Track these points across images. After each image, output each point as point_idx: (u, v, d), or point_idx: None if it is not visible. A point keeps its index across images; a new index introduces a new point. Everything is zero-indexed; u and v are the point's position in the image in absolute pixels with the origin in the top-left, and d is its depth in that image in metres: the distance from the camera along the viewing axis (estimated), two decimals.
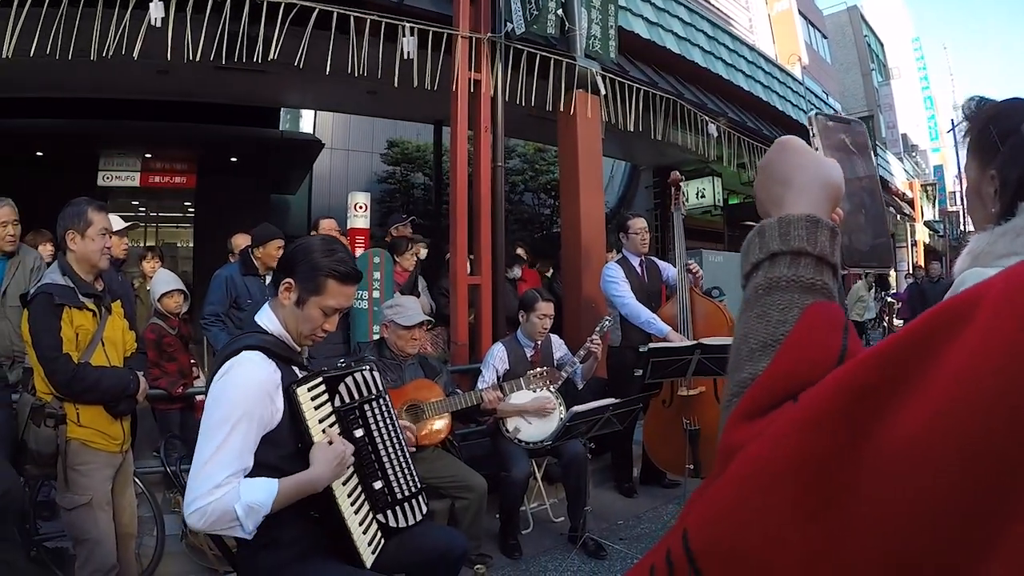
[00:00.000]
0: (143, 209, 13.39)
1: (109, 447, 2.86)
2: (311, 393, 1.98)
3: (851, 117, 1.09)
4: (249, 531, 1.79)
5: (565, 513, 4.23)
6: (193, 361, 4.94)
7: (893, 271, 16.67)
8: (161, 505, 3.72)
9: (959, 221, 25.47)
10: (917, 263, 19.40)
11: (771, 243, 0.70)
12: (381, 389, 2.28)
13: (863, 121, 1.10)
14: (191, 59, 4.70)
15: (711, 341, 3.94)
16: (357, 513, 2.04)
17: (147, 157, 11.70)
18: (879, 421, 0.46)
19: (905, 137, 28.47)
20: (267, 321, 2.04)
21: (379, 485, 2.16)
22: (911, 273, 16.45)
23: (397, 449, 2.27)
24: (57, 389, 2.72)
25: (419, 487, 2.32)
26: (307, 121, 13.94)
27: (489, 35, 5.93)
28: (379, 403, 2.24)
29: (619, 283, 4.82)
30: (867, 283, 12.10)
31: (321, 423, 1.98)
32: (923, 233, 23.11)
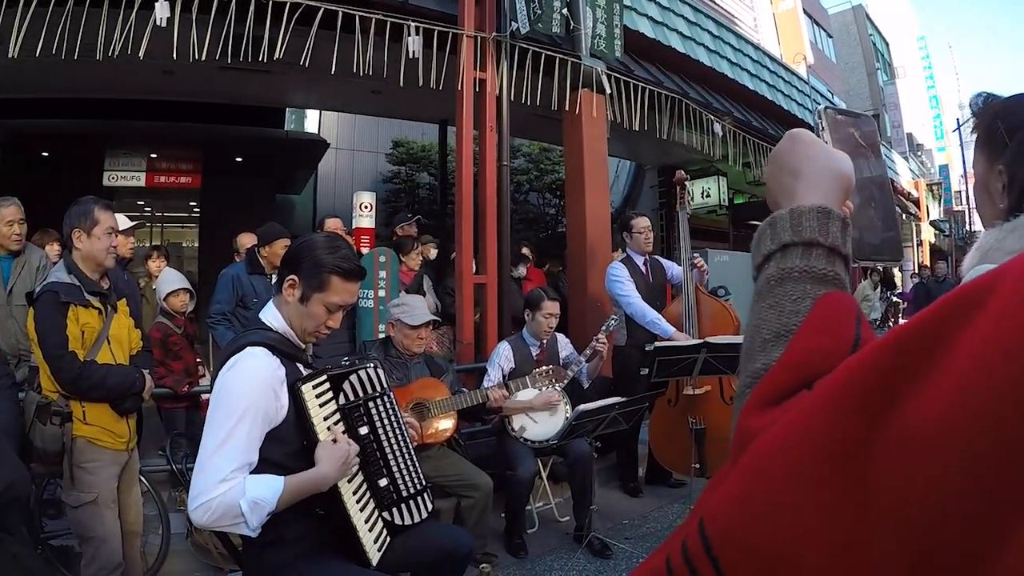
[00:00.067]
0: (148, 209, 13.43)
1: (115, 445, 2.87)
2: (316, 391, 1.98)
3: (860, 111, 1.08)
4: (253, 528, 1.79)
5: (571, 512, 4.23)
6: (199, 360, 4.94)
7: (898, 271, 16.62)
8: (167, 503, 3.72)
9: (965, 220, 25.39)
10: (923, 263, 19.30)
11: (783, 234, 0.70)
12: (386, 386, 2.28)
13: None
14: (196, 59, 4.70)
15: (717, 340, 3.94)
16: (363, 511, 2.04)
17: (152, 157, 11.72)
18: (893, 408, 0.46)
19: (910, 136, 28.37)
20: (271, 318, 2.05)
21: (384, 482, 2.16)
22: (917, 273, 16.37)
23: (402, 446, 2.27)
24: (63, 387, 2.72)
25: (424, 484, 2.32)
26: (312, 121, 13.95)
27: (494, 34, 5.93)
28: (384, 400, 2.24)
29: (624, 283, 4.81)
30: (872, 282, 12.05)
31: (326, 421, 1.98)
32: (928, 233, 23.01)
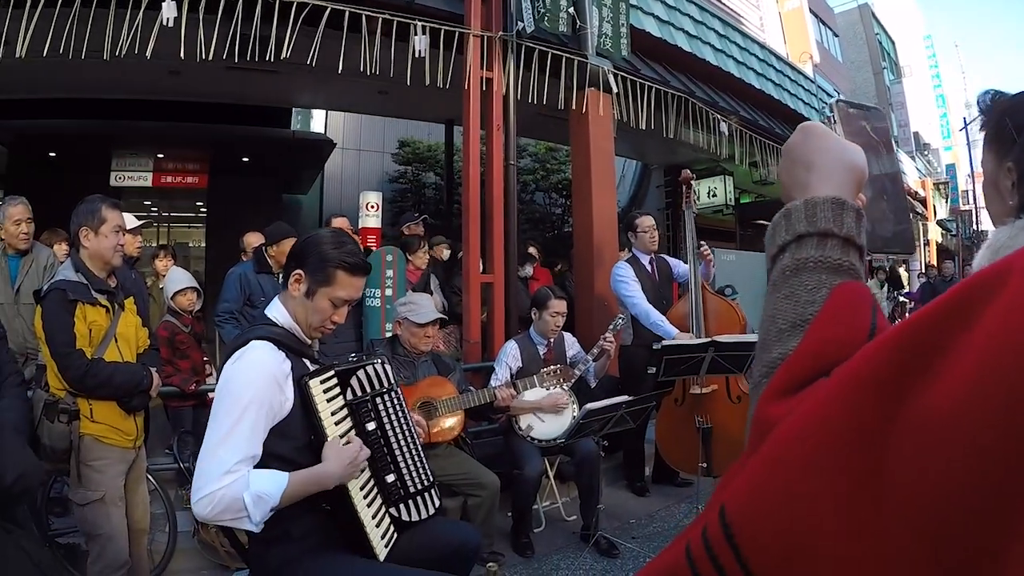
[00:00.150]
0: (155, 209, 13.46)
1: (122, 443, 2.88)
2: (323, 386, 1.98)
3: (871, 104, 1.08)
4: (257, 522, 1.79)
5: (577, 511, 4.23)
6: (206, 358, 4.97)
7: (905, 271, 16.56)
8: (174, 501, 3.74)
9: (972, 220, 25.27)
10: (930, 262, 19.25)
11: (797, 225, 0.70)
12: (393, 382, 2.28)
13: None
14: (203, 59, 4.71)
15: (725, 339, 3.92)
16: (370, 507, 2.04)
17: (159, 157, 11.74)
18: (907, 400, 0.46)
19: (917, 135, 28.29)
20: (277, 314, 2.06)
21: (392, 478, 2.16)
22: (924, 272, 16.34)
23: (409, 442, 2.27)
24: (70, 384, 2.73)
25: (431, 480, 2.32)
26: (318, 121, 13.96)
27: (501, 33, 5.93)
28: (391, 396, 2.24)
29: (629, 283, 4.80)
30: (879, 282, 12.00)
31: (333, 416, 1.98)
32: (935, 232, 22.92)
